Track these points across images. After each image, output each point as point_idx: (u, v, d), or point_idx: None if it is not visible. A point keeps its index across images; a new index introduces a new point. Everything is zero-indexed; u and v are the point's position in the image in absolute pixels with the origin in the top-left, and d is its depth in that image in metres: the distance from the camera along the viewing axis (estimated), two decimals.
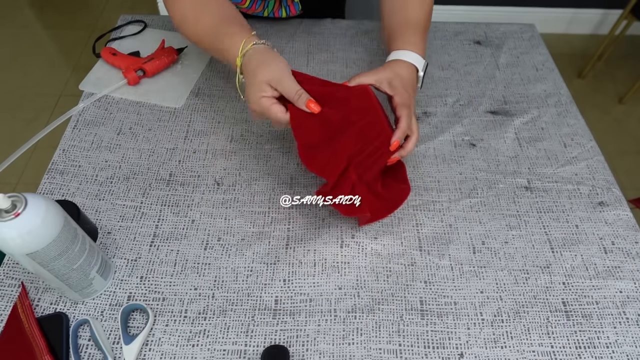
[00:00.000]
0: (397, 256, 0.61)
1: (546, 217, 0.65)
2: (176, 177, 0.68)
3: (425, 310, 0.56)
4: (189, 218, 0.64)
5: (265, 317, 0.55)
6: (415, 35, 0.67)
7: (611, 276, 0.59)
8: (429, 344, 0.54)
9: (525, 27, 0.95)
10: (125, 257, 0.60)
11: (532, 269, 0.60)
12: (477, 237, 0.63)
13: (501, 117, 0.78)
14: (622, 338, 0.54)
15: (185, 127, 0.75)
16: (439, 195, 0.67)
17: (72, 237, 0.49)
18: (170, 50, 0.83)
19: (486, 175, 0.70)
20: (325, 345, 0.53)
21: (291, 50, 0.88)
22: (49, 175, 0.68)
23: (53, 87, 1.93)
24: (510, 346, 0.54)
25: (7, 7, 2.30)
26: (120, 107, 0.77)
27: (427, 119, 0.78)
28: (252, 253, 0.61)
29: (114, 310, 0.55)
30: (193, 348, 0.53)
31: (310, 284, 0.58)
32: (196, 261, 0.60)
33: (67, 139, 0.72)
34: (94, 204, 0.65)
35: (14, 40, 2.14)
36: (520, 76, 0.85)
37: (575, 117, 0.78)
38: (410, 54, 0.65)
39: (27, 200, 0.44)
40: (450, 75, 0.85)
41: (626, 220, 0.65)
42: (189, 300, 0.56)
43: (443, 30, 0.94)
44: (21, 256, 0.46)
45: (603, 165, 0.72)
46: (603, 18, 2.19)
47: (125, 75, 0.79)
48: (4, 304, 0.55)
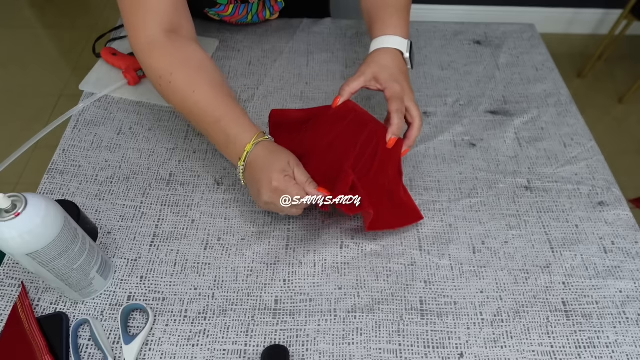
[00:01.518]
0: (397, 256, 0.61)
1: (546, 217, 0.65)
2: (176, 177, 0.68)
3: (425, 310, 0.56)
4: (189, 218, 0.64)
5: (265, 317, 0.55)
6: (394, 15, 0.65)
7: (611, 276, 0.59)
8: (429, 343, 0.54)
9: (525, 27, 0.95)
10: (125, 257, 0.60)
11: (532, 269, 0.60)
12: (477, 237, 0.63)
13: (501, 117, 0.78)
14: (622, 338, 0.54)
15: (185, 127, 0.75)
16: (439, 195, 0.67)
17: (72, 237, 0.49)
18: None
19: (486, 175, 0.70)
20: (325, 345, 0.53)
21: (291, 50, 0.88)
22: (49, 175, 0.68)
23: (53, 87, 1.93)
24: (510, 346, 0.54)
25: (7, 7, 2.30)
26: (120, 107, 0.77)
27: (427, 118, 0.78)
28: (252, 253, 0.61)
29: (114, 310, 0.55)
30: (193, 348, 0.53)
31: (310, 284, 0.58)
32: (196, 261, 0.60)
33: (67, 139, 0.72)
34: (94, 204, 0.65)
35: (14, 40, 2.14)
36: (520, 76, 0.85)
37: (575, 117, 0.78)
38: (390, 39, 0.63)
39: (27, 200, 0.44)
40: (450, 75, 0.85)
41: (626, 220, 0.65)
42: (189, 300, 0.56)
43: (443, 30, 0.94)
44: (21, 256, 0.46)
45: (603, 165, 0.72)
46: (603, 18, 2.19)
47: (125, 76, 0.79)
48: (4, 304, 0.55)
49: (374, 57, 0.63)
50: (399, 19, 0.65)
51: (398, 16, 0.65)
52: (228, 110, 0.58)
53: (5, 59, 2.05)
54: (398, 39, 0.63)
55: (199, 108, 0.58)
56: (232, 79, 0.82)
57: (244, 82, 0.82)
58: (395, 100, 0.60)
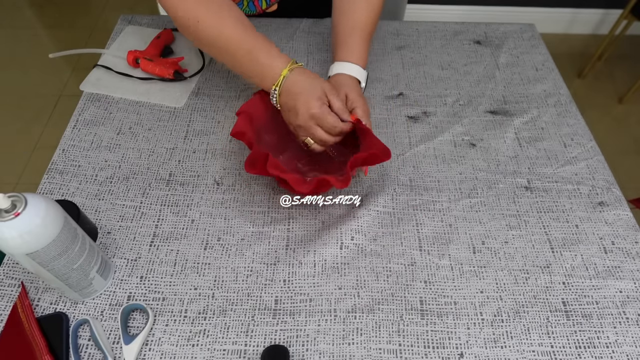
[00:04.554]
0: (397, 256, 0.61)
1: (546, 217, 0.65)
2: (176, 176, 0.68)
3: (425, 310, 0.56)
4: (188, 218, 0.64)
5: (265, 317, 0.55)
6: (360, 44, 0.71)
7: (611, 276, 0.59)
8: (429, 344, 0.54)
9: (525, 27, 0.95)
10: (125, 257, 0.60)
11: (532, 269, 0.60)
12: (477, 237, 0.63)
13: (501, 117, 0.78)
14: (622, 338, 0.54)
15: (185, 127, 0.75)
16: (439, 195, 0.67)
17: (72, 237, 0.49)
18: None
19: (486, 175, 0.70)
20: (325, 345, 0.53)
21: (291, 50, 0.88)
22: (48, 175, 0.68)
23: (53, 87, 1.93)
24: (510, 346, 0.54)
25: (7, 7, 2.30)
26: (120, 107, 0.77)
27: (427, 118, 0.78)
28: (252, 253, 0.61)
29: (114, 310, 0.55)
30: (193, 348, 0.53)
31: (310, 284, 0.58)
32: (196, 261, 0.60)
33: (67, 139, 0.72)
34: (93, 204, 0.65)
35: (14, 40, 2.14)
36: (520, 76, 0.85)
37: (575, 117, 0.78)
38: (353, 68, 0.69)
39: (27, 200, 0.44)
40: (450, 75, 0.85)
41: (626, 220, 0.65)
42: (189, 300, 0.56)
43: (443, 30, 0.94)
44: (21, 256, 0.46)
45: (603, 165, 0.72)
46: (603, 18, 2.19)
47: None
48: (4, 304, 0.55)
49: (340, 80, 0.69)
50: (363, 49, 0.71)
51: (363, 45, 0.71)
52: (257, 42, 0.63)
53: (5, 59, 2.05)
54: (360, 69, 0.70)
55: (230, 43, 0.63)
56: (233, 79, 0.82)
57: (244, 82, 0.82)
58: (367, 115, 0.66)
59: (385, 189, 0.67)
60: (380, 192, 0.67)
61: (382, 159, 0.60)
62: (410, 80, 0.84)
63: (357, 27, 0.71)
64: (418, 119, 0.77)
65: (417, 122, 0.77)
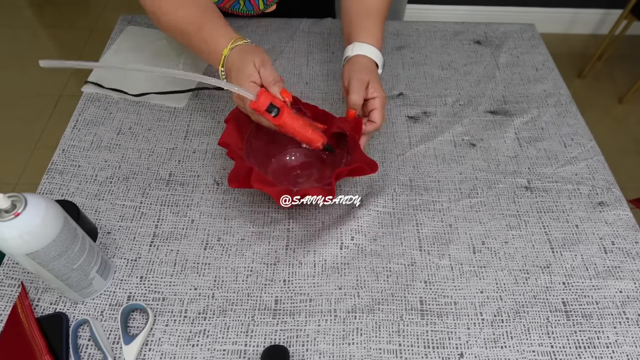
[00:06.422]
0: (397, 256, 0.61)
1: (546, 217, 0.65)
2: (176, 177, 0.68)
3: (425, 310, 0.56)
4: (188, 218, 0.64)
5: (265, 317, 0.55)
6: (376, 27, 0.69)
7: (611, 276, 0.59)
8: (429, 344, 0.54)
9: (525, 27, 0.95)
10: (125, 257, 0.60)
11: (532, 269, 0.60)
12: (477, 237, 0.63)
13: (501, 117, 0.78)
14: (622, 338, 0.54)
15: (185, 127, 0.75)
16: (439, 195, 0.67)
17: (72, 237, 0.49)
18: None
19: (486, 175, 0.70)
20: (325, 345, 0.53)
21: (291, 50, 0.88)
22: (48, 175, 0.68)
23: (53, 87, 1.93)
24: (510, 346, 0.54)
25: (7, 7, 2.30)
26: (120, 107, 0.77)
27: (427, 118, 0.78)
28: (252, 253, 0.61)
29: (114, 310, 0.55)
30: (193, 348, 0.53)
31: (310, 284, 0.58)
32: (196, 261, 0.60)
33: (67, 139, 0.72)
34: (93, 204, 0.65)
35: (14, 40, 2.14)
36: (520, 76, 0.85)
37: (575, 117, 0.78)
38: (372, 49, 0.67)
39: (27, 200, 0.44)
40: (450, 75, 0.85)
41: (626, 220, 0.65)
42: (189, 300, 0.56)
43: (443, 30, 0.94)
44: (21, 256, 0.46)
45: (603, 165, 0.72)
46: (603, 18, 2.19)
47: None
48: (4, 304, 0.55)
49: (362, 62, 0.66)
50: (380, 32, 0.69)
51: (380, 29, 0.70)
52: (209, 20, 0.61)
53: (5, 59, 2.05)
54: (379, 53, 0.68)
55: (184, 22, 0.62)
56: None
57: None
58: (383, 108, 0.64)
59: (385, 189, 0.67)
60: (380, 192, 0.67)
61: (368, 172, 0.58)
62: (410, 80, 0.84)
63: (372, 10, 0.70)
64: (418, 119, 0.77)
65: (417, 122, 0.77)
